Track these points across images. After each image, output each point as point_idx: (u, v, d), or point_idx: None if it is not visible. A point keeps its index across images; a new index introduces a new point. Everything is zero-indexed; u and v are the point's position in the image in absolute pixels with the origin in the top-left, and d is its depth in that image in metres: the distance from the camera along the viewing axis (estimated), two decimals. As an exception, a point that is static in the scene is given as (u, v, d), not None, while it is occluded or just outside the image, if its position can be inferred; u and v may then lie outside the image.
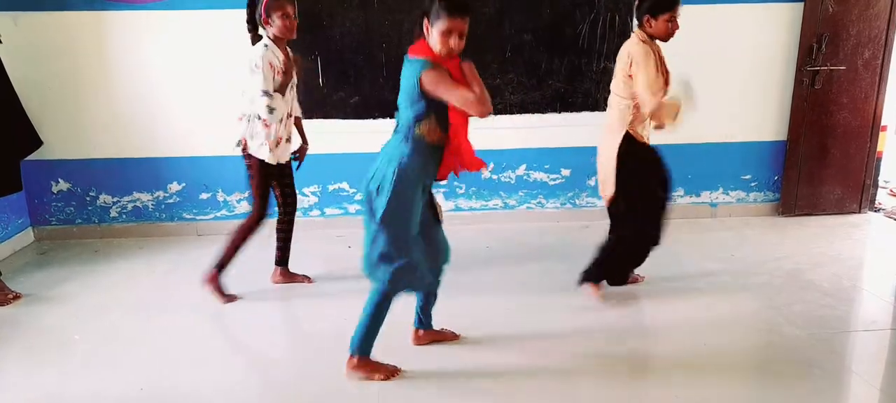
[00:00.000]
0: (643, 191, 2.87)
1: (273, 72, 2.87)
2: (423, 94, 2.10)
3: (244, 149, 3.01)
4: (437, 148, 2.22)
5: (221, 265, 3.13)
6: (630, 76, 2.78)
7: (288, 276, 3.37)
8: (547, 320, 2.92)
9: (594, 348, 2.66)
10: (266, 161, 2.98)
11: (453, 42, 2.08)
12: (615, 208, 2.96)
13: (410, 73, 2.13)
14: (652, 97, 2.70)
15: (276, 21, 2.88)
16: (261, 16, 2.90)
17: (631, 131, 2.82)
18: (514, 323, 2.87)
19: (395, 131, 2.27)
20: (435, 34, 2.09)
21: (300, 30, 3.96)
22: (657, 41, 2.81)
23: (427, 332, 2.64)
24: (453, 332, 2.69)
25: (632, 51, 2.77)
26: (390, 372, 2.42)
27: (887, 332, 2.79)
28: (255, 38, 2.98)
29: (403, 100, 2.19)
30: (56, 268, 3.68)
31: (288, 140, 3.09)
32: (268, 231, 3.21)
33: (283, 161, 3.09)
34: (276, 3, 2.88)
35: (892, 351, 2.65)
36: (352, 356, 2.39)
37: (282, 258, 3.36)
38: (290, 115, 3.07)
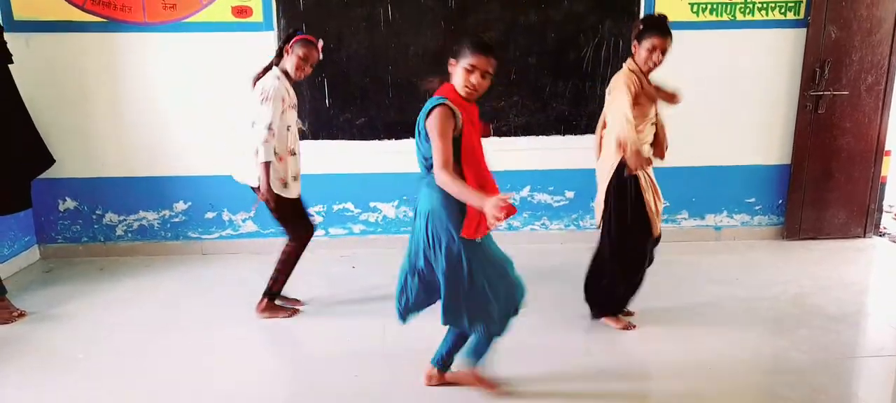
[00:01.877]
0: (629, 222, 2.83)
1: (283, 107, 2.89)
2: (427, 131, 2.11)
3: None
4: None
5: (271, 294, 3.20)
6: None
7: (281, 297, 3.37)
8: (551, 342, 2.92)
9: (598, 370, 2.65)
10: (282, 195, 2.98)
11: (475, 79, 2.11)
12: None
13: (424, 110, 2.15)
14: (621, 122, 2.68)
15: (293, 58, 2.91)
16: (286, 46, 2.93)
17: (625, 160, 2.77)
18: (517, 345, 2.86)
19: (422, 178, 2.25)
20: (459, 70, 2.13)
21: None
22: (644, 74, 2.79)
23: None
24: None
25: (613, 79, 2.80)
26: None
27: (894, 358, 2.77)
28: (272, 64, 3.00)
29: (418, 138, 2.19)
30: (61, 286, 3.69)
31: (295, 178, 3.08)
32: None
33: (294, 195, 3.08)
34: (305, 46, 2.91)
35: (898, 378, 2.64)
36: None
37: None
38: (294, 152, 3.07)
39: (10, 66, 3.34)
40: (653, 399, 2.50)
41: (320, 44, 3.00)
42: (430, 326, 2.73)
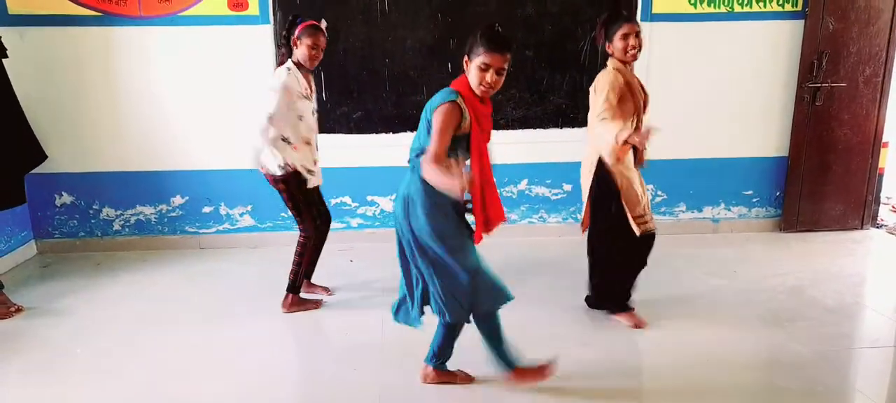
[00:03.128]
0: (615, 218, 2.81)
1: (290, 98, 2.88)
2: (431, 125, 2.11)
3: (282, 172, 2.98)
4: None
5: (295, 288, 3.20)
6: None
7: (310, 288, 3.40)
8: (547, 334, 2.92)
9: (594, 363, 2.65)
10: (305, 179, 3.01)
11: (490, 77, 2.08)
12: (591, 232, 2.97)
13: (434, 99, 2.14)
14: (598, 120, 2.66)
15: (303, 49, 2.91)
16: (292, 37, 2.94)
17: (602, 157, 2.76)
18: (514, 337, 2.86)
19: (410, 164, 2.25)
20: (473, 68, 2.11)
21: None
22: (626, 66, 2.76)
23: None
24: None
25: (597, 77, 2.76)
26: (465, 379, 2.46)
27: (891, 349, 2.78)
28: (285, 56, 3.01)
29: (422, 128, 2.18)
30: (58, 282, 3.68)
31: (311, 169, 3.07)
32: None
33: (311, 185, 3.07)
34: (310, 31, 2.92)
35: None
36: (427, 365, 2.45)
37: (307, 271, 3.36)
38: (309, 142, 3.06)
39: (4, 60, 3.31)
40: (650, 392, 2.51)
41: (324, 24, 3.01)
42: (428, 321, 2.73)
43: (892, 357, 2.73)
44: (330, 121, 4.11)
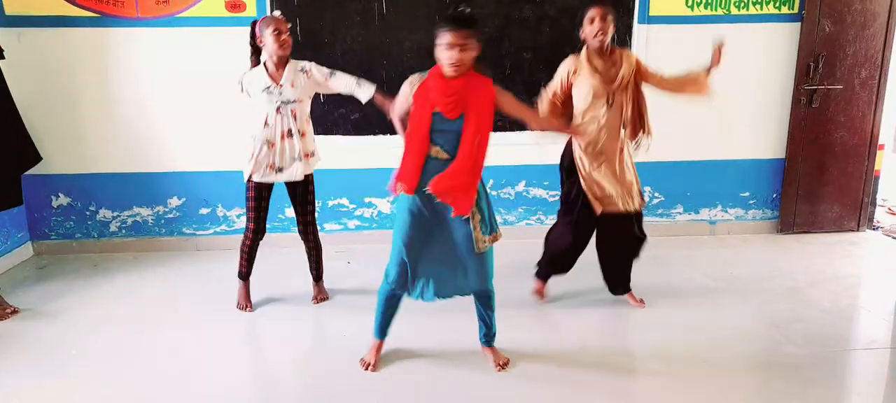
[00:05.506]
0: (567, 194, 3.07)
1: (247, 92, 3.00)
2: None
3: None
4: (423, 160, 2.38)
5: (240, 276, 3.26)
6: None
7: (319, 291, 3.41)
8: (544, 334, 2.92)
9: (591, 365, 2.65)
10: (251, 178, 3.01)
11: (455, 54, 2.24)
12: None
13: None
14: (541, 104, 3.01)
15: (269, 41, 2.88)
16: (256, 40, 2.93)
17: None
18: (511, 337, 2.86)
19: None
20: (439, 52, 2.29)
21: (301, 47, 4.00)
22: (598, 50, 2.90)
23: (484, 348, 2.68)
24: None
25: None
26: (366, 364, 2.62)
27: (887, 351, 2.79)
28: (256, 62, 3.01)
29: None
30: (55, 283, 3.67)
31: (278, 167, 3.00)
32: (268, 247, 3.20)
33: (264, 180, 3.01)
34: (268, 22, 2.89)
35: (891, 371, 2.65)
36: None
37: (316, 275, 3.39)
38: (285, 135, 3.00)
39: (1, 61, 3.31)
40: (646, 391, 2.51)
41: (277, 13, 3.05)
42: (426, 322, 2.74)
43: (888, 358, 2.74)
44: (328, 123, 4.11)
